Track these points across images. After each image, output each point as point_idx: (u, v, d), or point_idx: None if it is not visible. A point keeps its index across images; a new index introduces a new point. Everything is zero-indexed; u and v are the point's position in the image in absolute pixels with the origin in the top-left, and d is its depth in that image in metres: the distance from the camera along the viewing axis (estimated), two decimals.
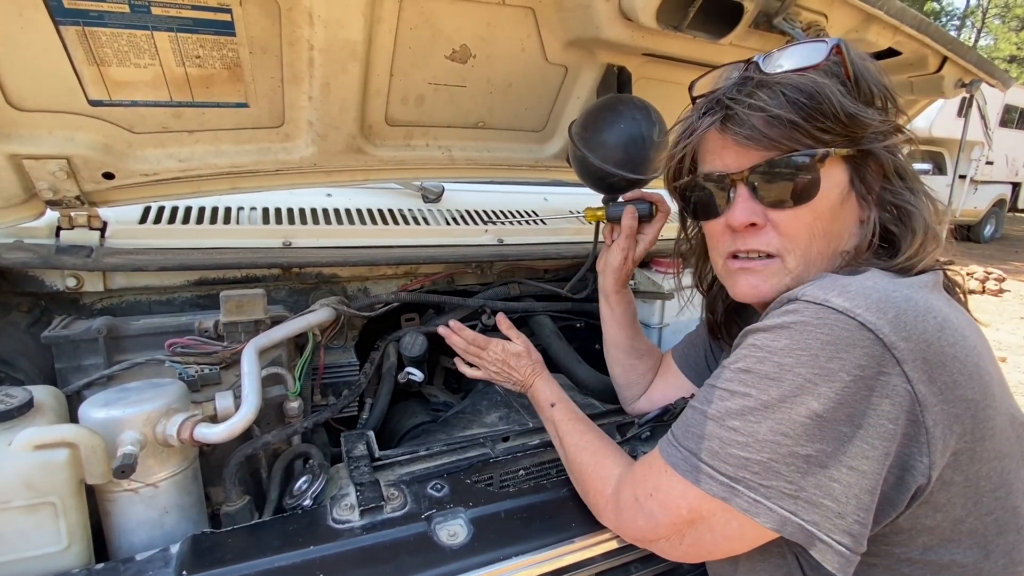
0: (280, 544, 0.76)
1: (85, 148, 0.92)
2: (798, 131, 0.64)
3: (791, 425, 0.56)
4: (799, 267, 0.69)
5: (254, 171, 1.09)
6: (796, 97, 0.63)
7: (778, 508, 0.57)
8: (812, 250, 0.69)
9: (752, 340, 0.62)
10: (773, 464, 0.57)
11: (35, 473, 0.68)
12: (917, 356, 0.54)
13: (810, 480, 0.56)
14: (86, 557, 0.75)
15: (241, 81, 0.95)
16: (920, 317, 0.56)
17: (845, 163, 0.67)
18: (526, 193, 1.79)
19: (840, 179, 0.67)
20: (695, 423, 0.65)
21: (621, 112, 1.09)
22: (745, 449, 0.58)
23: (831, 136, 0.65)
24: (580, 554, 0.81)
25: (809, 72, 0.65)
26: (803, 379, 0.56)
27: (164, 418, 0.78)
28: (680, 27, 0.96)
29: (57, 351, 0.92)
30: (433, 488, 0.89)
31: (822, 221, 0.68)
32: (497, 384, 1.13)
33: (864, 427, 0.54)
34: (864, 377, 0.54)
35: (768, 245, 0.70)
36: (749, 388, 0.60)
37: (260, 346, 0.94)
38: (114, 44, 0.83)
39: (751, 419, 0.59)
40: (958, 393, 0.56)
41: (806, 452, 0.56)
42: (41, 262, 0.97)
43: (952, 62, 1.27)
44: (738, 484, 0.59)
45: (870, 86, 0.67)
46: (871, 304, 0.56)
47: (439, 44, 1.04)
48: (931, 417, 0.54)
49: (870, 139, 0.66)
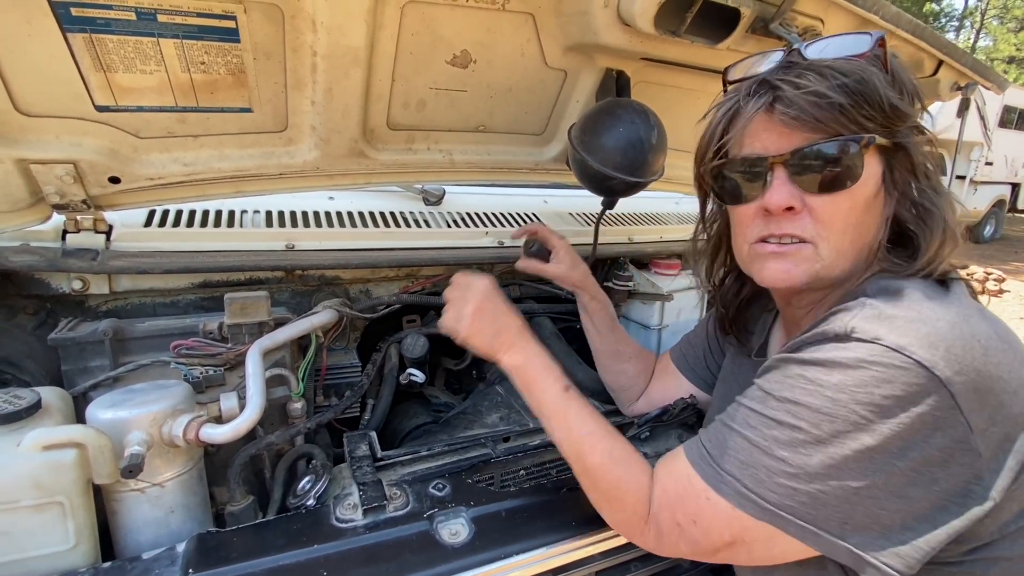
0: (284, 543, 0.77)
1: (92, 153, 0.94)
2: (845, 115, 0.63)
3: (843, 459, 0.57)
4: (831, 255, 0.68)
5: (257, 175, 1.11)
6: (845, 81, 0.62)
7: (825, 535, 0.58)
8: (845, 239, 0.68)
9: (800, 371, 0.62)
10: (822, 495, 0.58)
11: (43, 473, 0.69)
12: (969, 388, 0.55)
13: (859, 509, 0.57)
14: (93, 556, 0.76)
15: (245, 86, 0.96)
16: (968, 346, 0.56)
17: (881, 154, 0.68)
18: (526, 196, 1.80)
19: (876, 170, 0.67)
20: (736, 447, 0.64)
21: (620, 116, 1.10)
22: (794, 480, 0.59)
23: (874, 124, 0.64)
24: (580, 552, 0.82)
25: (854, 60, 0.65)
26: (858, 416, 0.56)
27: (170, 419, 0.79)
28: (678, 32, 0.98)
29: (63, 353, 0.93)
30: (435, 488, 0.90)
31: (857, 211, 0.67)
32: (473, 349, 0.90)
33: (915, 459, 0.55)
34: (920, 413, 0.55)
35: (803, 231, 0.68)
36: (799, 421, 0.59)
37: (264, 348, 0.95)
38: (121, 51, 0.84)
39: (801, 451, 0.59)
40: (1005, 412, 0.56)
41: (856, 485, 0.57)
42: (47, 265, 0.99)
43: (947, 65, 1.28)
44: (785, 512, 0.59)
45: (903, 84, 0.67)
46: (922, 339, 0.56)
47: (440, 49, 1.06)
48: (983, 442, 0.55)
49: (904, 133, 0.66)
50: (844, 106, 0.63)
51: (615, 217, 1.77)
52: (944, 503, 0.56)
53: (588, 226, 1.63)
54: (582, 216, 1.70)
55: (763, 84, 0.68)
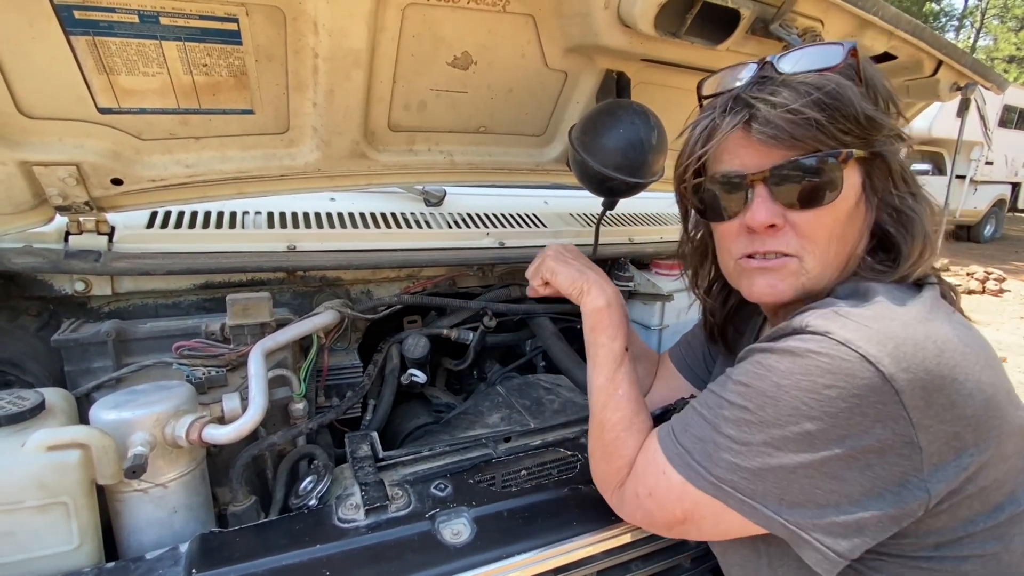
0: (287, 543, 0.77)
1: (94, 155, 0.94)
2: (822, 131, 0.64)
3: (782, 440, 0.60)
4: (817, 268, 0.69)
5: (259, 176, 1.11)
6: (820, 97, 0.63)
7: (763, 509, 0.62)
8: (830, 252, 0.69)
9: (757, 358, 0.65)
10: (762, 472, 0.61)
11: (47, 474, 0.70)
12: (915, 385, 0.56)
13: (795, 487, 0.60)
14: (97, 556, 0.76)
15: (247, 88, 0.97)
16: (919, 346, 0.58)
17: (860, 165, 0.68)
18: (527, 197, 1.80)
19: (856, 181, 0.68)
20: (694, 424, 0.69)
21: (620, 117, 1.11)
22: (737, 456, 0.62)
23: (851, 137, 0.65)
24: (581, 552, 0.83)
25: (827, 73, 0.65)
26: (800, 402, 0.59)
27: (173, 419, 0.79)
28: (678, 34, 0.98)
29: (66, 354, 0.93)
30: (436, 488, 0.90)
31: (839, 223, 0.68)
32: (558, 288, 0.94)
33: (852, 447, 0.58)
34: (861, 405, 0.57)
35: (787, 246, 0.69)
36: (747, 402, 0.63)
37: (266, 349, 0.95)
38: (123, 53, 0.85)
39: (746, 430, 0.62)
40: (956, 412, 0.58)
41: (793, 464, 0.60)
42: (50, 266, 0.99)
43: (947, 66, 1.29)
44: (726, 486, 0.63)
45: (877, 91, 0.68)
46: (871, 336, 0.58)
47: (441, 51, 1.06)
48: (925, 437, 0.57)
49: (881, 142, 0.67)
50: (820, 121, 0.63)
51: (615, 218, 1.78)
52: (879, 490, 0.58)
53: (589, 227, 1.63)
54: (583, 217, 1.71)
55: (738, 101, 0.68)
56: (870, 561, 0.63)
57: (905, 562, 0.63)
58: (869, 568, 0.64)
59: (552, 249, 0.98)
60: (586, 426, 1.15)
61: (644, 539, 0.87)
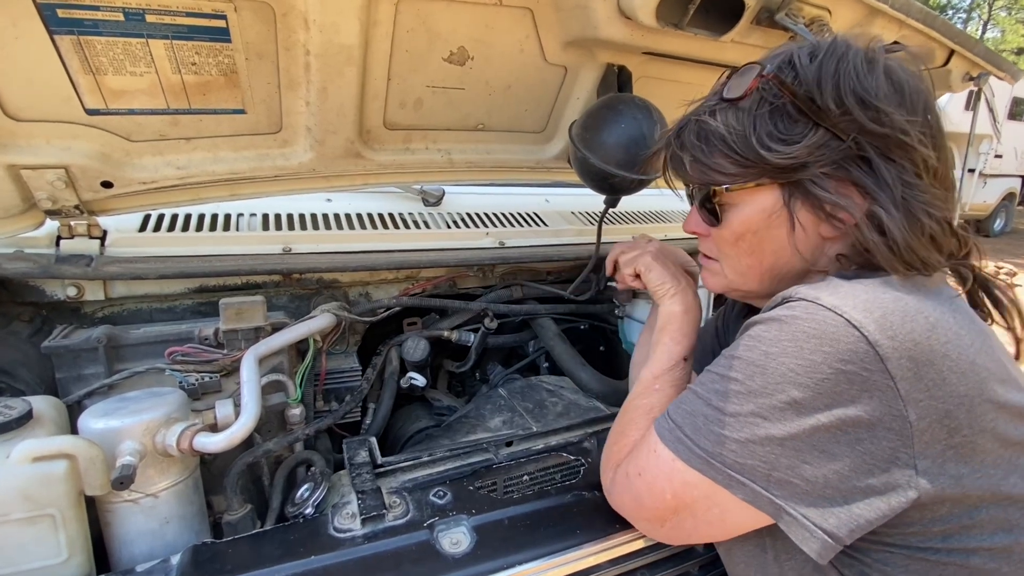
0: (281, 554, 0.75)
1: (83, 157, 0.92)
2: (708, 168, 0.71)
3: (770, 410, 0.59)
4: (732, 275, 0.77)
5: (252, 177, 1.09)
6: (695, 142, 0.71)
7: (751, 484, 0.60)
8: (741, 263, 0.75)
9: (749, 331, 0.65)
10: (750, 444, 0.60)
11: (33, 485, 0.68)
12: (903, 354, 0.56)
13: (783, 461, 0.59)
14: (87, 569, 0.74)
15: (238, 87, 0.94)
16: (908, 317, 0.57)
17: (780, 188, 0.68)
18: (527, 195, 1.78)
19: (766, 204, 0.70)
20: (686, 400, 0.69)
21: (622, 112, 1.08)
22: (725, 428, 0.62)
23: (755, 170, 0.67)
24: (586, 561, 0.80)
25: (737, 103, 0.68)
26: (786, 368, 0.58)
27: (164, 428, 0.78)
28: (680, 25, 0.95)
29: (57, 361, 0.91)
30: (436, 495, 0.88)
31: (746, 241, 0.73)
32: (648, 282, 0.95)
33: (840, 416, 0.57)
34: (846, 372, 0.56)
35: (709, 251, 0.81)
36: (736, 373, 0.63)
37: (259, 354, 0.93)
38: (109, 53, 0.83)
39: (734, 401, 0.62)
40: (948, 390, 0.57)
41: (781, 435, 0.59)
42: (41, 272, 0.97)
43: (959, 55, 1.25)
44: (714, 459, 0.62)
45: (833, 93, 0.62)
46: (858, 303, 0.58)
47: (436, 47, 1.04)
48: (915, 412, 0.56)
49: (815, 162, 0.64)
50: (702, 161, 0.71)
51: (618, 215, 1.75)
52: (867, 465, 0.57)
53: (591, 225, 1.61)
54: (585, 215, 1.68)
55: (679, 131, 0.75)
56: (875, 553, 0.62)
57: (911, 553, 0.61)
58: (874, 560, 0.62)
59: (655, 246, 0.99)
60: (590, 429, 1.13)
61: (651, 547, 0.84)
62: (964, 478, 0.58)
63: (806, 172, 0.65)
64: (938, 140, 0.66)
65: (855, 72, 0.63)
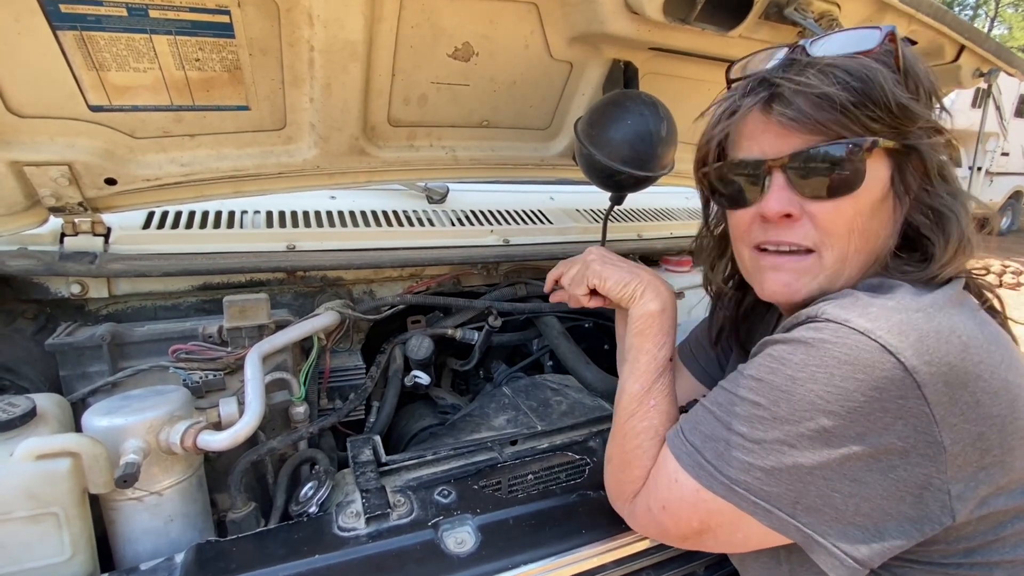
0: (284, 553, 0.75)
1: (86, 154, 0.92)
2: (847, 116, 0.60)
3: (797, 438, 0.56)
4: (835, 264, 0.65)
5: (257, 174, 1.08)
6: (848, 80, 0.59)
7: (777, 512, 0.58)
8: (850, 247, 0.65)
9: (770, 351, 0.61)
10: (776, 472, 0.58)
11: (37, 483, 0.67)
12: (938, 380, 0.53)
13: (811, 489, 0.56)
14: (91, 567, 0.74)
15: (241, 84, 0.94)
16: (943, 339, 0.54)
17: (889, 157, 0.63)
18: (532, 192, 1.77)
19: (883, 174, 0.64)
20: (703, 421, 0.66)
21: (628, 108, 1.07)
22: (750, 455, 0.59)
23: (880, 126, 0.60)
24: (591, 561, 0.79)
25: (861, 57, 0.61)
26: (816, 396, 0.55)
27: (167, 426, 0.77)
28: (687, 20, 0.94)
29: (61, 358, 0.91)
30: (440, 494, 0.87)
31: (862, 217, 0.64)
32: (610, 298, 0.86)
33: (872, 445, 0.54)
34: (881, 399, 0.53)
35: (804, 238, 0.65)
36: (759, 397, 0.59)
37: (263, 352, 0.92)
38: (113, 48, 0.82)
39: (759, 427, 0.59)
40: (981, 411, 0.54)
41: (810, 463, 0.56)
42: (45, 269, 0.97)
43: (969, 51, 1.23)
44: (739, 487, 0.59)
45: (919, 81, 0.63)
46: (893, 326, 0.54)
47: (441, 42, 1.03)
48: (949, 436, 0.53)
49: (916, 135, 0.62)
50: (846, 105, 0.59)
51: (624, 213, 1.74)
52: (901, 493, 0.55)
53: (596, 223, 1.60)
54: (590, 213, 1.67)
55: (762, 83, 0.64)
56: (897, 568, 0.60)
57: (933, 569, 0.60)
58: (894, 574, 0.61)
59: (594, 252, 0.89)
60: (595, 428, 1.12)
61: (656, 548, 0.83)
62: (991, 497, 0.57)
63: (917, 139, 0.62)
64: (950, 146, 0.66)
65: (926, 66, 0.63)
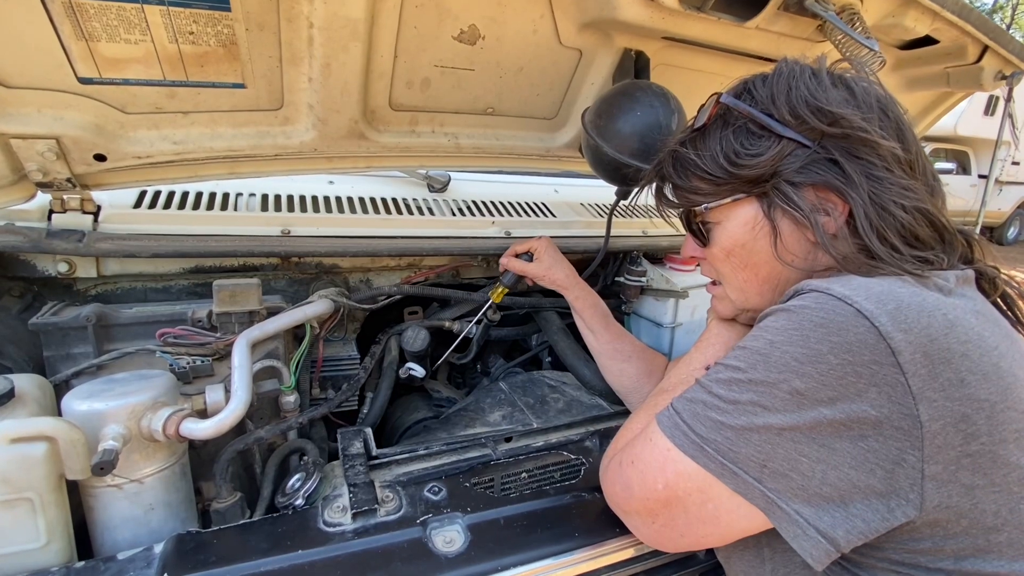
0: (267, 547, 0.72)
1: (75, 128, 0.89)
2: (688, 192, 0.75)
3: (771, 399, 0.57)
4: (735, 292, 0.78)
5: (252, 155, 1.05)
6: (672, 171, 0.77)
7: (743, 474, 0.58)
8: (737, 279, 0.77)
9: (757, 323, 0.65)
10: (746, 432, 0.58)
11: (11, 468, 0.65)
12: (916, 349, 0.53)
13: (779, 451, 0.57)
14: (67, 554, 0.72)
15: (237, 60, 0.90)
16: (925, 312, 0.55)
17: (757, 201, 0.71)
18: (535, 184, 1.74)
19: (747, 217, 0.72)
20: (689, 389, 0.68)
21: (638, 99, 1.03)
22: (723, 415, 0.60)
23: (728, 186, 0.71)
24: (582, 566, 0.77)
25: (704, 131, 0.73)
26: (791, 357, 0.57)
27: (150, 412, 0.75)
28: (703, 8, 0.91)
29: (45, 339, 0.89)
30: (430, 491, 0.85)
31: (736, 256, 0.75)
32: None
33: (844, 412, 0.54)
34: (853, 363, 0.54)
35: (710, 273, 0.83)
36: (739, 361, 0.61)
37: (252, 338, 0.90)
38: (103, 18, 0.79)
39: (734, 388, 0.60)
40: (967, 391, 0.54)
41: (780, 425, 0.56)
42: (31, 246, 0.94)
43: (993, 52, 1.19)
44: (707, 445, 0.60)
45: (793, 110, 0.67)
46: (872, 295, 0.56)
47: (446, 24, 0.99)
48: (928, 411, 0.53)
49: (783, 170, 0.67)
50: (680, 186, 0.76)
51: (628, 209, 1.71)
52: (871, 465, 0.54)
53: (600, 217, 1.57)
54: (594, 207, 1.64)
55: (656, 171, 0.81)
56: (881, 572, 0.59)
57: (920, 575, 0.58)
58: None
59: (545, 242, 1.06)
60: (591, 427, 1.10)
61: (650, 553, 0.81)
62: (978, 490, 0.55)
63: (778, 181, 0.68)
64: (903, 132, 0.68)
65: (804, 85, 0.68)
